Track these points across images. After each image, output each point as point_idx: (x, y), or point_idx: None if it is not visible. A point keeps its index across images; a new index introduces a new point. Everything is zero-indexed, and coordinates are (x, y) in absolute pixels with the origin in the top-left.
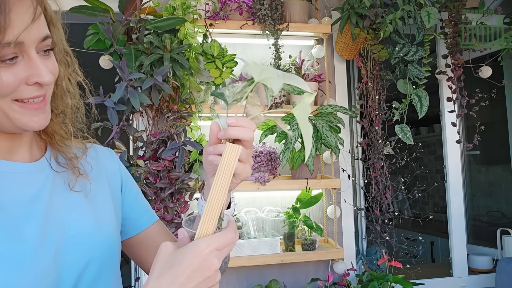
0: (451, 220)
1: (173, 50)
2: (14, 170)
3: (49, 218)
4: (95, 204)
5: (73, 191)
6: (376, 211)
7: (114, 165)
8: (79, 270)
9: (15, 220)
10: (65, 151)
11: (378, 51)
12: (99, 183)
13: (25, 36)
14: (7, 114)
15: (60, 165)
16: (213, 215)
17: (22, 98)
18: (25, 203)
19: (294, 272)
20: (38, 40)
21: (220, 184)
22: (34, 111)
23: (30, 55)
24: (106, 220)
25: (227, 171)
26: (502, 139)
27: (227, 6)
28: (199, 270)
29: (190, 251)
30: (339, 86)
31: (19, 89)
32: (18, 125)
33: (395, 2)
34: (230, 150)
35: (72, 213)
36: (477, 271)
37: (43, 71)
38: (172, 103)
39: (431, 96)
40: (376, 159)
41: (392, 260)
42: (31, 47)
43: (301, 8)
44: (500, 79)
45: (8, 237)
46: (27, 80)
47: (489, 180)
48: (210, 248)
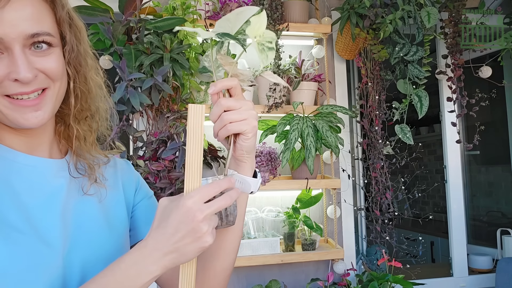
0: (451, 220)
1: (173, 50)
2: (34, 164)
3: (65, 217)
4: (108, 209)
5: (87, 195)
6: (376, 211)
7: (130, 175)
8: (86, 270)
9: (32, 212)
10: (86, 158)
11: (378, 51)
12: (114, 191)
13: (3, 32)
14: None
15: (78, 171)
16: (195, 173)
17: (8, 94)
18: (43, 198)
19: (294, 272)
20: (24, 36)
21: (193, 144)
22: (25, 108)
23: (13, 51)
24: (117, 225)
25: (197, 130)
26: (502, 139)
27: (227, 6)
28: (183, 222)
29: (176, 204)
30: (339, 86)
31: (4, 84)
32: (12, 121)
33: (395, 2)
34: (193, 109)
35: (85, 215)
36: (477, 271)
37: (21, 68)
38: (172, 103)
39: (431, 96)
40: (376, 159)
41: (392, 260)
42: (13, 43)
43: (301, 8)
44: (500, 79)
45: (24, 228)
46: (8, 76)
47: (489, 180)
48: (192, 200)
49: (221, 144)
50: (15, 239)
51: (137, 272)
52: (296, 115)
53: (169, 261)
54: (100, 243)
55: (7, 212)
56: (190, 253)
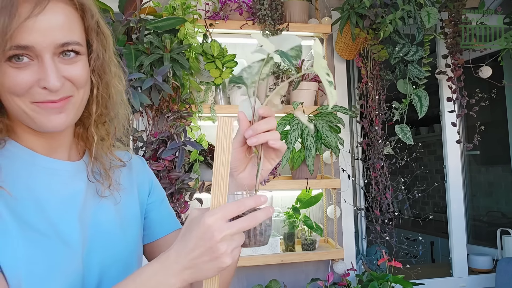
0: (451, 220)
1: (173, 50)
2: (54, 167)
3: (82, 219)
4: (122, 211)
5: (103, 197)
6: (376, 211)
7: (144, 174)
8: (104, 269)
9: (52, 215)
10: (102, 161)
11: (378, 51)
12: (128, 192)
13: (33, 40)
14: (26, 113)
15: (94, 175)
16: (221, 188)
17: (35, 101)
18: (62, 200)
19: (294, 272)
20: (55, 45)
21: (221, 158)
22: (50, 111)
23: (43, 59)
24: (131, 227)
25: (225, 143)
26: (502, 139)
27: (227, 6)
28: (202, 239)
29: (198, 220)
30: (339, 86)
31: (32, 91)
32: (37, 125)
33: (395, 2)
34: (222, 122)
35: (101, 218)
36: (477, 271)
37: (51, 77)
38: (172, 103)
39: (431, 96)
40: (376, 159)
41: (392, 260)
42: (44, 51)
43: (301, 8)
44: (500, 79)
45: (45, 230)
46: (38, 83)
47: (489, 180)
48: (213, 218)
49: None
50: (38, 241)
51: (157, 283)
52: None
53: (189, 275)
54: (115, 244)
55: (29, 215)
56: (207, 271)
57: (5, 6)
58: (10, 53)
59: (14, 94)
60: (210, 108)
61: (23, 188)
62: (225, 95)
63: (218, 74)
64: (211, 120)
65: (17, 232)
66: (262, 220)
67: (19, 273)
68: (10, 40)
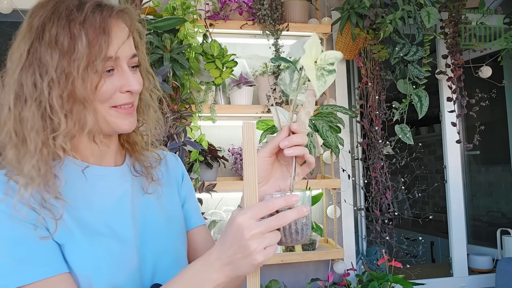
0: (451, 220)
1: (173, 50)
2: (104, 174)
3: (134, 216)
4: (165, 204)
5: (147, 194)
6: (376, 211)
7: (178, 170)
8: (157, 260)
9: (107, 216)
10: (143, 160)
11: (378, 51)
12: (168, 187)
13: (120, 52)
14: (105, 118)
15: (137, 172)
16: (252, 189)
17: (116, 104)
18: (114, 202)
19: (294, 272)
20: (129, 56)
21: (249, 160)
22: (125, 115)
23: (123, 68)
24: (175, 218)
25: (251, 147)
26: (502, 139)
27: (227, 6)
28: (235, 237)
29: (231, 219)
30: (339, 86)
31: (114, 96)
32: (113, 127)
33: (395, 2)
34: (246, 127)
35: (148, 212)
36: (477, 271)
37: (133, 81)
38: (172, 103)
39: (431, 96)
40: (376, 159)
41: (392, 260)
42: (124, 61)
43: (301, 8)
44: (500, 79)
45: (103, 230)
46: (120, 89)
47: (489, 180)
48: (243, 217)
49: (221, 144)
50: (99, 241)
51: (202, 279)
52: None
53: (229, 271)
54: (163, 236)
55: (88, 220)
56: (244, 268)
57: (104, 28)
58: (108, 64)
59: (100, 101)
60: (210, 108)
61: (80, 196)
62: (225, 95)
63: (218, 74)
64: (211, 120)
65: (81, 236)
66: (292, 219)
67: (87, 273)
68: (107, 54)
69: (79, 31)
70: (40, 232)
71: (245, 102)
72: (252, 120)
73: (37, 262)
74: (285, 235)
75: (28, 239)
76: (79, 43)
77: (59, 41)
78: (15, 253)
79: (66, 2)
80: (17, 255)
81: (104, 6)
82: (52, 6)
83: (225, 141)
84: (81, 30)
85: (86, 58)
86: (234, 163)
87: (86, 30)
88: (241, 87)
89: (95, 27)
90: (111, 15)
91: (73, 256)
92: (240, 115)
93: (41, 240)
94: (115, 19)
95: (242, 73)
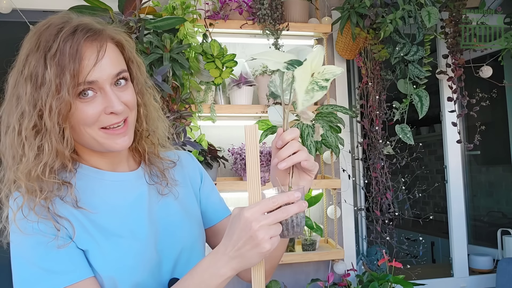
0: (452, 220)
1: (173, 50)
2: (119, 179)
3: (151, 216)
4: (183, 203)
5: (163, 194)
6: (376, 211)
7: (194, 168)
8: (175, 256)
9: (124, 219)
10: (157, 165)
11: (378, 51)
12: (184, 186)
13: (97, 74)
14: (96, 139)
15: (153, 177)
16: (255, 187)
17: (105, 125)
18: (131, 205)
19: (294, 272)
20: (111, 76)
21: (251, 161)
22: (116, 135)
23: (105, 90)
24: (192, 215)
25: (253, 148)
26: (502, 139)
27: (227, 5)
28: (243, 230)
29: (238, 215)
30: (339, 86)
31: (101, 119)
32: (105, 147)
33: (395, 2)
34: (248, 130)
35: (167, 212)
36: (477, 272)
37: (115, 103)
38: (172, 103)
39: (432, 96)
40: (376, 159)
41: (392, 261)
42: (105, 83)
43: (301, 7)
44: (500, 79)
45: (123, 232)
46: (105, 110)
47: (489, 180)
48: (250, 212)
49: (221, 144)
50: (119, 243)
51: (211, 275)
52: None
53: (237, 264)
54: (181, 233)
55: (108, 223)
56: (252, 258)
57: (72, 55)
58: (80, 89)
59: (86, 125)
60: (210, 108)
61: (99, 202)
62: (225, 95)
63: (218, 74)
64: (211, 120)
65: (102, 240)
66: (294, 213)
67: (111, 274)
68: (79, 79)
69: (51, 61)
70: (61, 242)
71: (245, 102)
72: (252, 120)
73: (63, 269)
74: (287, 229)
75: (51, 250)
76: (47, 74)
77: (33, 74)
78: (41, 263)
79: (46, 32)
80: (43, 264)
81: (80, 31)
82: (36, 38)
83: (225, 141)
84: (52, 60)
85: (55, 88)
86: (234, 163)
87: (58, 60)
88: (241, 87)
89: (65, 55)
90: (84, 39)
91: (97, 260)
92: (240, 115)
93: (64, 249)
94: (89, 42)
95: (242, 73)
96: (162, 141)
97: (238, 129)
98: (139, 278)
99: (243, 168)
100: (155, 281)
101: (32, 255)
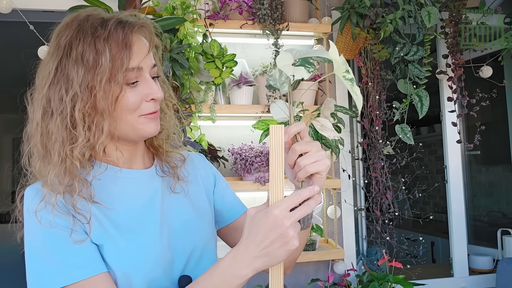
0: (452, 220)
1: (173, 49)
2: (134, 176)
3: (163, 213)
4: (193, 201)
5: (175, 193)
6: (376, 211)
7: (206, 168)
8: (187, 254)
9: (138, 215)
10: (168, 161)
11: (378, 51)
12: (195, 185)
13: (143, 63)
14: (134, 126)
15: (164, 172)
16: (278, 185)
17: (144, 113)
18: (145, 203)
19: (294, 272)
20: (150, 66)
21: (275, 161)
22: (150, 119)
23: (146, 78)
24: (203, 214)
25: (278, 148)
26: (502, 139)
27: (227, 5)
28: (272, 229)
29: (264, 214)
30: (339, 86)
31: (141, 106)
32: (140, 133)
33: (395, 2)
34: (274, 130)
35: (178, 209)
36: (477, 272)
37: (157, 89)
38: None
39: (432, 96)
40: (376, 159)
41: (392, 261)
42: (146, 71)
43: (301, 7)
44: (500, 79)
45: (137, 229)
46: (145, 97)
47: (489, 180)
48: (279, 209)
49: (221, 144)
50: (133, 239)
51: (232, 275)
52: (296, 115)
53: (260, 264)
54: (192, 231)
55: (123, 219)
56: (279, 256)
57: (125, 42)
58: (130, 75)
59: (129, 111)
60: (210, 108)
61: (114, 198)
62: (225, 95)
63: (218, 74)
64: (211, 120)
65: (117, 236)
66: (314, 207)
67: (126, 270)
68: (129, 65)
69: (103, 46)
70: (77, 236)
71: (245, 102)
72: (252, 120)
73: (76, 264)
74: (303, 221)
75: (67, 243)
76: (103, 58)
77: (85, 57)
78: (56, 257)
79: (90, 20)
80: (58, 258)
81: (125, 23)
82: (77, 25)
83: (225, 141)
84: (105, 46)
85: (109, 71)
86: (234, 163)
87: (110, 45)
88: (241, 87)
89: (117, 42)
90: (132, 30)
91: (111, 255)
92: (240, 115)
93: (78, 243)
94: (136, 34)
95: (242, 73)
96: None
97: (238, 129)
98: (152, 275)
99: (243, 168)
100: (168, 279)
101: (47, 248)
